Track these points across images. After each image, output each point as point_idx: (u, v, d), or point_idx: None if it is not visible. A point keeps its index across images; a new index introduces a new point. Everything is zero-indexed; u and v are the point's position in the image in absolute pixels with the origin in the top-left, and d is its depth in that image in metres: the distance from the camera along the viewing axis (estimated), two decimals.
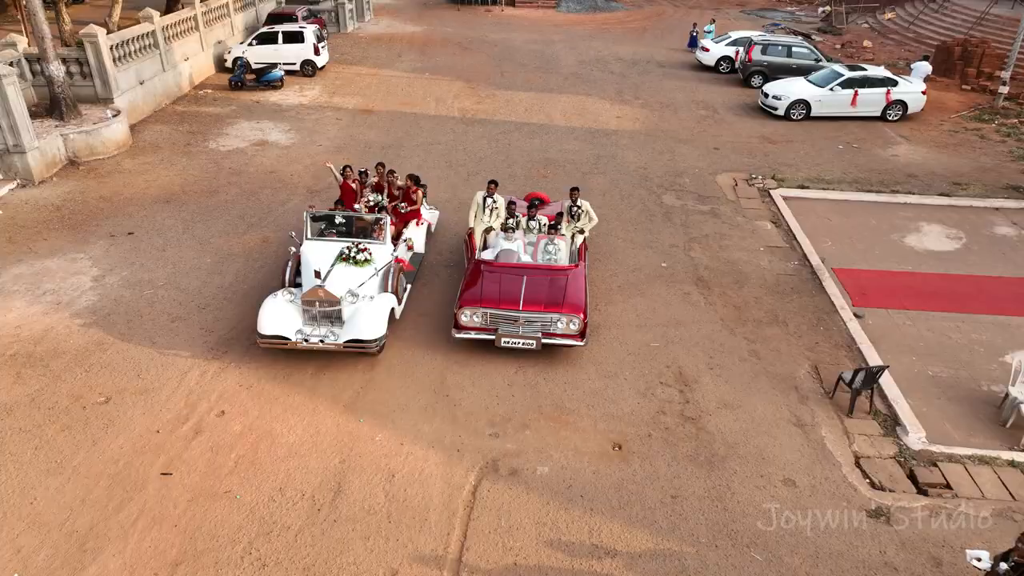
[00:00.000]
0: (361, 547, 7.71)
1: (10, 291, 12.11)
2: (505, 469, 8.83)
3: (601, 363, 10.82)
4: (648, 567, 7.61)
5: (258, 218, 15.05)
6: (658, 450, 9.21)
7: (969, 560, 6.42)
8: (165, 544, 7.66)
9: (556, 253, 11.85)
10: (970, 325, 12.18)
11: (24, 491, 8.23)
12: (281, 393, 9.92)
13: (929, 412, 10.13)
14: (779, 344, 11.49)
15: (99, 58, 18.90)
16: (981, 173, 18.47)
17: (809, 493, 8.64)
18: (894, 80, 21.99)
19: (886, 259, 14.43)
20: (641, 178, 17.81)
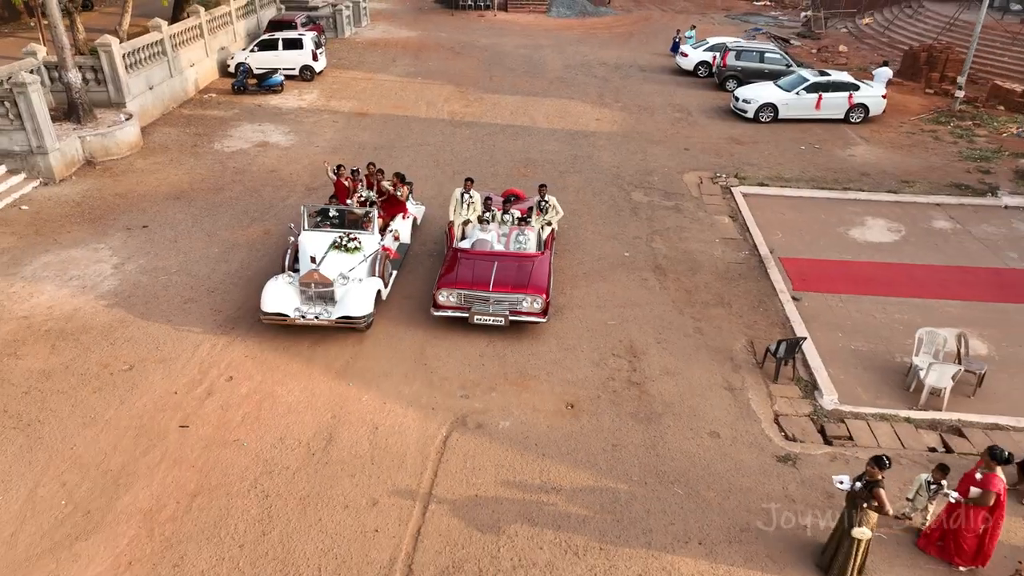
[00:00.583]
0: (348, 483, 9.29)
1: (41, 277, 13.70)
2: (472, 423, 10.41)
3: (563, 337, 12.40)
4: (586, 499, 9.18)
5: (260, 213, 16.63)
6: (605, 409, 10.79)
7: (835, 483, 7.99)
8: (184, 480, 9.25)
9: (526, 242, 13.43)
10: (895, 307, 13.74)
11: (65, 439, 9.81)
12: (281, 362, 11.51)
13: (845, 379, 11.70)
14: (721, 323, 13.07)
15: (113, 66, 20.51)
16: (929, 172, 20.04)
17: (730, 443, 10.21)
18: (856, 85, 23.57)
19: (830, 249, 16.00)
20: (614, 176, 19.39)
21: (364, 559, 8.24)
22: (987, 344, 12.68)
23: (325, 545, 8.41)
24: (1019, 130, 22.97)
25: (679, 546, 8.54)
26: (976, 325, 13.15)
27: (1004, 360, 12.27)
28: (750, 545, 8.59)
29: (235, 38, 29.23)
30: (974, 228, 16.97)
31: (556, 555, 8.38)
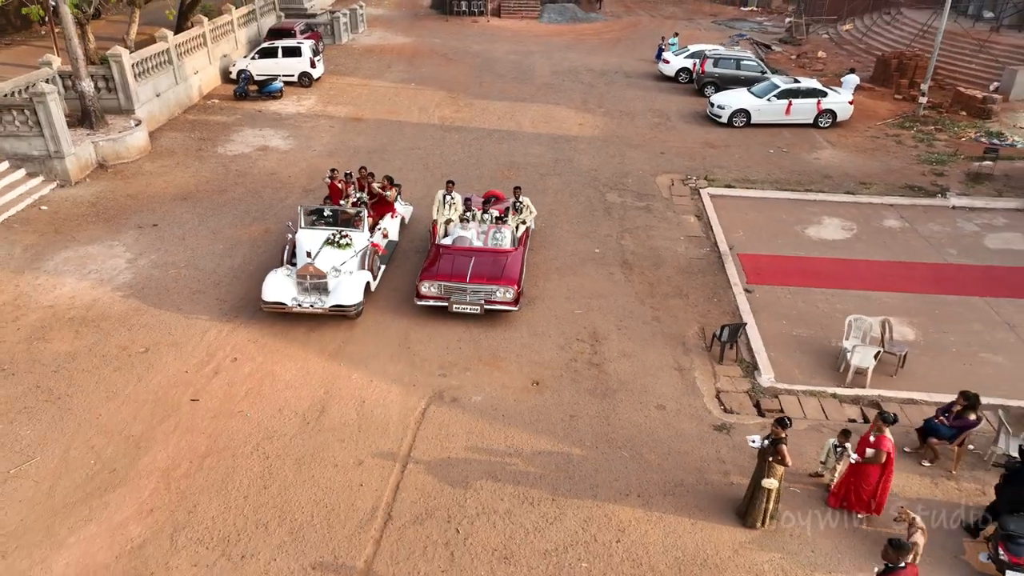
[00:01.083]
0: (338, 447, 10.76)
1: (62, 271, 15.18)
2: (448, 398, 11.87)
3: (533, 324, 13.87)
4: (544, 460, 10.64)
5: (261, 212, 18.11)
6: (566, 385, 12.26)
7: (749, 443, 9.45)
8: (196, 444, 10.71)
9: (502, 239, 14.88)
10: (838, 298, 15.19)
11: (91, 410, 11.28)
12: (280, 345, 12.98)
13: (784, 361, 13.16)
14: (678, 312, 14.53)
15: (123, 75, 21.98)
16: (887, 174, 21.49)
17: (674, 415, 11.67)
18: (824, 92, 25.04)
19: (786, 246, 17.46)
20: (591, 179, 20.86)
21: (350, 508, 9.71)
22: (916, 330, 14.14)
23: (317, 496, 9.87)
24: (977, 134, 24.41)
25: (620, 498, 10.00)
26: (909, 314, 14.61)
27: (928, 344, 13.73)
28: (682, 497, 10.05)
29: (236, 45, 30.70)
30: (921, 227, 18.43)
31: (514, 505, 9.84)
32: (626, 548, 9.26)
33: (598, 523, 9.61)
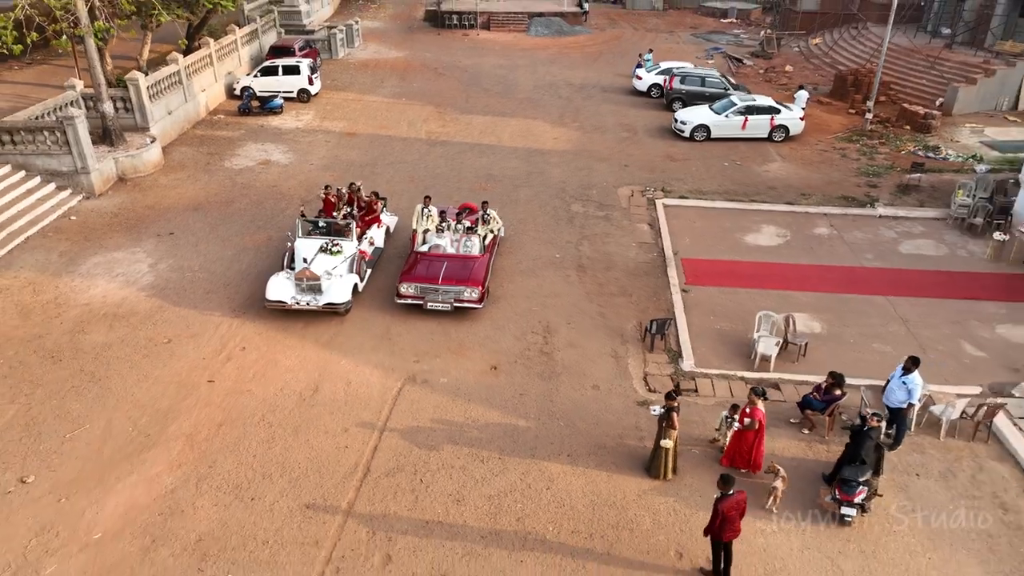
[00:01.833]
0: (328, 417, 13.34)
1: (93, 274, 17.78)
2: (420, 380, 14.45)
3: (495, 319, 16.45)
4: (495, 429, 13.22)
5: (264, 222, 20.70)
6: (519, 370, 14.83)
7: (651, 411, 12.03)
8: (213, 415, 13.31)
9: (471, 247, 17.45)
10: (762, 297, 17.73)
11: (126, 389, 13.88)
12: (281, 337, 15.57)
13: (705, 350, 15.73)
14: (621, 308, 17.10)
15: (139, 96, 24.58)
16: (827, 186, 24.04)
17: (606, 393, 14.24)
18: (778, 109, 27.59)
19: (724, 251, 20.02)
20: (559, 190, 23.43)
21: (337, 463, 12.30)
22: (822, 324, 16.70)
23: (310, 455, 12.46)
24: (915, 148, 26.95)
25: (553, 457, 12.58)
26: (819, 311, 17.17)
27: (830, 336, 16.29)
28: (602, 456, 12.63)
29: (240, 63, 33.30)
30: (847, 234, 20.98)
31: (468, 462, 12.42)
32: (553, 494, 11.84)
33: (533, 475, 12.19)
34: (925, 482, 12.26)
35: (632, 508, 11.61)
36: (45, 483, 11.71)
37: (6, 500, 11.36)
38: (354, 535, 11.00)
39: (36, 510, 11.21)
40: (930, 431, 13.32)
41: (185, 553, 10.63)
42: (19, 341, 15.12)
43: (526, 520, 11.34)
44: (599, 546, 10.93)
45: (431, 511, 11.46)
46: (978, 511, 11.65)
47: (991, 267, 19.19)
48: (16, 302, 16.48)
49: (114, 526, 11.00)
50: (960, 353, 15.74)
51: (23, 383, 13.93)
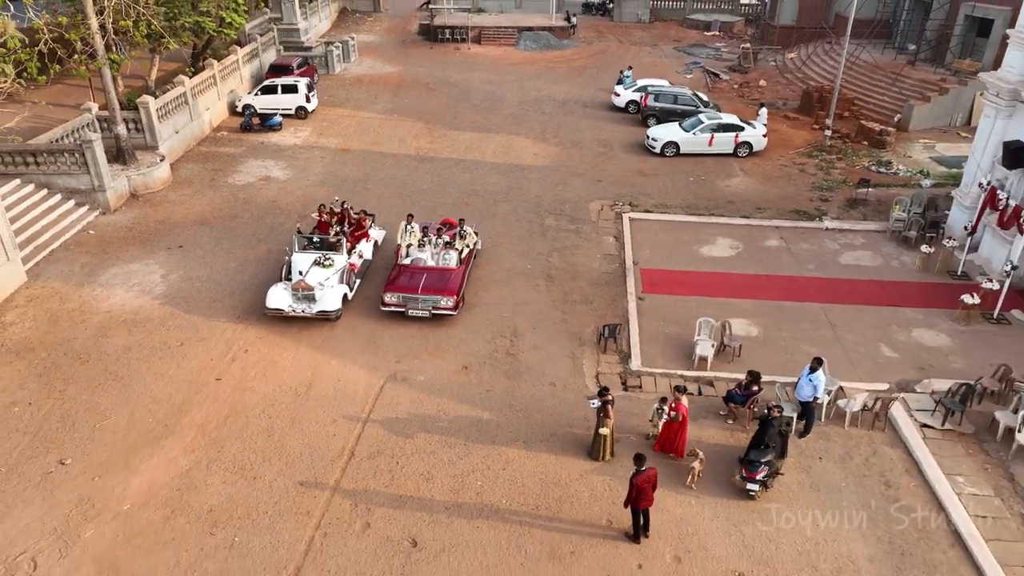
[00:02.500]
0: (319, 410, 15.62)
1: (112, 284, 20.08)
2: (400, 378, 16.73)
3: (468, 325, 18.72)
4: (462, 420, 15.48)
5: (264, 236, 22.99)
6: (488, 369, 17.11)
7: (589, 404, 14.29)
8: (220, 408, 15.59)
9: (449, 260, 19.72)
10: (710, 304, 19.97)
11: (146, 386, 16.17)
12: (279, 340, 17.85)
13: (652, 352, 17.98)
14: (582, 315, 19.37)
15: (149, 118, 26.90)
16: (782, 200, 26.30)
17: (561, 389, 16.50)
18: (742, 127, 29.85)
19: (681, 262, 22.27)
20: (535, 205, 25.70)
21: (326, 449, 14.57)
22: (759, 329, 18.96)
23: (304, 442, 14.74)
24: (869, 163, 29.19)
25: (511, 443, 14.84)
26: (758, 316, 19.43)
27: (766, 339, 18.55)
28: (553, 443, 14.89)
29: (242, 81, 35.60)
30: (794, 246, 23.23)
31: (438, 447, 14.70)
32: (509, 474, 14.11)
33: (493, 458, 14.46)
34: (826, 464, 14.53)
35: (574, 485, 13.88)
36: (80, 464, 14.01)
37: (49, 478, 13.66)
38: (339, 507, 13.28)
39: (74, 486, 13.51)
40: (837, 421, 15.58)
41: (199, 521, 12.92)
42: (51, 344, 17.43)
43: (484, 495, 13.62)
44: (544, 515, 13.21)
45: (404, 487, 13.74)
46: (865, 487, 13.91)
47: (918, 277, 21.43)
48: (46, 310, 18.79)
49: (140, 499, 13.30)
50: (877, 354, 17.99)
51: (56, 381, 16.23)
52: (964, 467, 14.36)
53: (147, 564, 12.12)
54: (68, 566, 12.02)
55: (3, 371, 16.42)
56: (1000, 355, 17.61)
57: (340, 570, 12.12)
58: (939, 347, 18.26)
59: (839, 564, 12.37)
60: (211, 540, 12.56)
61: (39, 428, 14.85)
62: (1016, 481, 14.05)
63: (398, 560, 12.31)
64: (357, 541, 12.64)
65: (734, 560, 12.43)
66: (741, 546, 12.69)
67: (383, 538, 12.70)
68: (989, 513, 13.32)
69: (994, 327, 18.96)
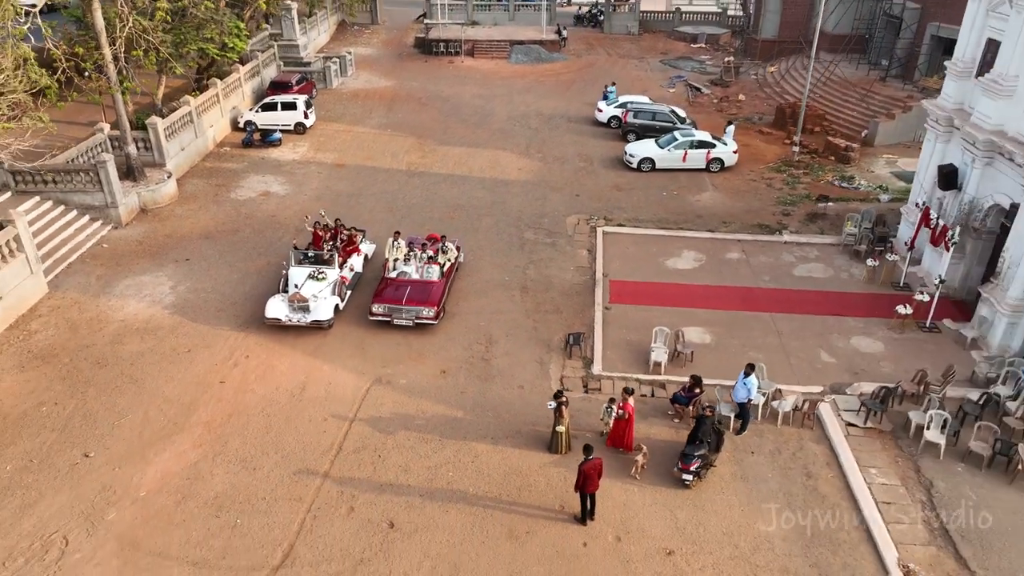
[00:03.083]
0: (312, 410, 17.72)
1: (126, 295, 22.20)
2: (385, 381, 18.82)
3: (448, 332, 20.81)
4: (439, 419, 17.57)
5: (264, 249, 25.09)
6: (464, 373, 19.19)
7: (548, 406, 16.35)
8: (224, 408, 17.70)
9: (431, 274, 21.80)
10: (671, 314, 22.00)
11: (158, 388, 18.28)
12: (277, 347, 19.95)
13: (614, 357, 20.04)
14: (551, 324, 21.43)
15: (157, 137, 29.04)
16: (747, 214, 28.33)
17: (528, 392, 18.56)
18: (713, 144, 31.88)
19: (648, 274, 24.32)
20: (516, 219, 27.77)
21: (317, 443, 16.66)
22: (713, 336, 21.01)
23: (298, 437, 16.84)
24: (833, 178, 31.21)
25: (480, 439, 16.92)
26: (712, 325, 21.47)
27: (717, 346, 20.59)
28: (518, 439, 16.96)
29: (243, 97, 37.73)
30: (753, 258, 25.27)
31: (416, 443, 16.78)
32: (477, 465, 16.20)
33: (464, 452, 16.55)
34: (757, 457, 16.59)
35: (533, 475, 15.96)
36: (102, 457, 16.13)
37: (75, 469, 15.79)
38: (328, 494, 15.38)
39: (98, 476, 15.63)
40: (772, 420, 17.63)
41: (206, 505, 15.03)
42: (72, 350, 19.56)
43: (454, 483, 15.71)
44: (505, 501, 15.29)
45: (385, 477, 15.84)
46: (789, 478, 15.98)
47: (864, 288, 23.46)
48: (67, 319, 20.93)
49: (154, 487, 15.41)
50: (816, 360, 20.04)
51: (78, 383, 18.36)
52: (878, 460, 16.42)
53: (162, 542, 14.23)
54: (95, 543, 14.13)
55: (32, 375, 18.56)
56: (927, 361, 19.68)
57: (327, 548, 14.22)
58: (873, 353, 20.30)
59: (757, 543, 14.44)
60: (216, 522, 14.67)
61: (65, 425, 16.97)
62: (921, 472, 16.11)
63: (377, 539, 14.40)
64: (342, 523, 14.73)
65: (667, 539, 14.51)
66: (674, 528, 14.76)
67: (365, 520, 14.80)
68: (893, 500, 15.37)
69: (925, 335, 20.99)
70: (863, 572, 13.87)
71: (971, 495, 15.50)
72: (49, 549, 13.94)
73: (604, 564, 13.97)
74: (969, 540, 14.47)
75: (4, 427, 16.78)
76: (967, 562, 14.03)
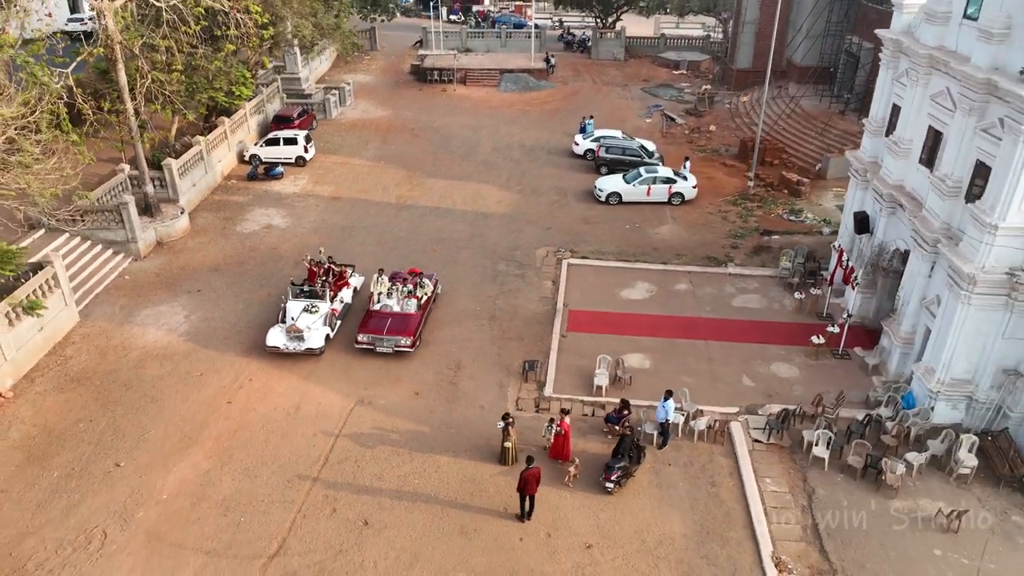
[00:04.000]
0: (305, 426, 21.35)
1: (146, 323, 25.91)
2: (366, 402, 22.43)
3: (423, 359, 24.41)
4: (410, 434, 21.15)
5: (266, 280, 28.76)
6: (434, 395, 22.78)
7: (497, 426, 19.90)
8: (230, 425, 21.34)
9: (410, 307, 25.39)
10: (619, 341, 25.49)
11: (175, 408, 21.95)
12: (276, 371, 23.59)
13: (565, 381, 23.56)
14: (514, 350, 24.99)
15: (172, 176, 32.78)
16: (699, 246, 31.80)
17: (487, 412, 22.11)
18: (675, 179, 35.36)
19: (603, 304, 27.84)
20: (492, 252, 31.34)
21: (308, 455, 20.28)
22: (652, 362, 24.52)
23: (292, 450, 20.46)
24: (783, 212, 34.63)
25: (443, 452, 20.50)
26: (654, 352, 24.97)
27: (654, 371, 24.09)
28: (474, 452, 20.52)
29: (249, 131, 41.47)
30: (699, 289, 28.75)
31: (390, 455, 20.37)
32: (439, 475, 19.77)
33: (428, 463, 20.13)
34: (672, 468, 20.10)
35: (485, 483, 19.53)
36: (131, 466, 19.79)
37: (109, 475, 19.46)
38: (315, 497, 18.98)
39: (127, 482, 19.30)
40: (691, 436, 21.13)
41: (216, 507, 18.66)
42: (102, 374, 23.27)
43: (419, 489, 19.29)
44: (460, 504, 18.85)
45: (363, 483, 19.43)
46: (696, 485, 19.49)
47: (791, 318, 26.91)
48: (96, 345, 24.65)
49: (174, 491, 19.06)
50: (738, 384, 23.53)
51: (108, 403, 22.05)
52: (773, 471, 19.91)
53: (180, 535, 17.88)
54: (127, 536, 17.79)
55: (69, 395, 22.28)
56: (835, 385, 23.13)
57: (313, 541, 17.82)
58: (789, 378, 23.77)
59: (661, 539, 17.96)
60: (224, 519, 18.30)
61: (99, 439, 20.66)
62: (807, 481, 19.58)
63: (354, 534, 18.00)
64: (326, 521, 18.34)
65: (588, 536, 18.05)
66: (595, 526, 18.30)
67: (345, 519, 18.40)
68: (779, 504, 18.86)
69: (836, 362, 24.44)
70: (743, 563, 17.37)
71: (844, 500, 18.97)
72: (92, 540, 17.60)
73: (535, 555, 17.54)
74: (834, 537, 17.95)
75: (50, 441, 20.49)
76: (828, 555, 17.52)
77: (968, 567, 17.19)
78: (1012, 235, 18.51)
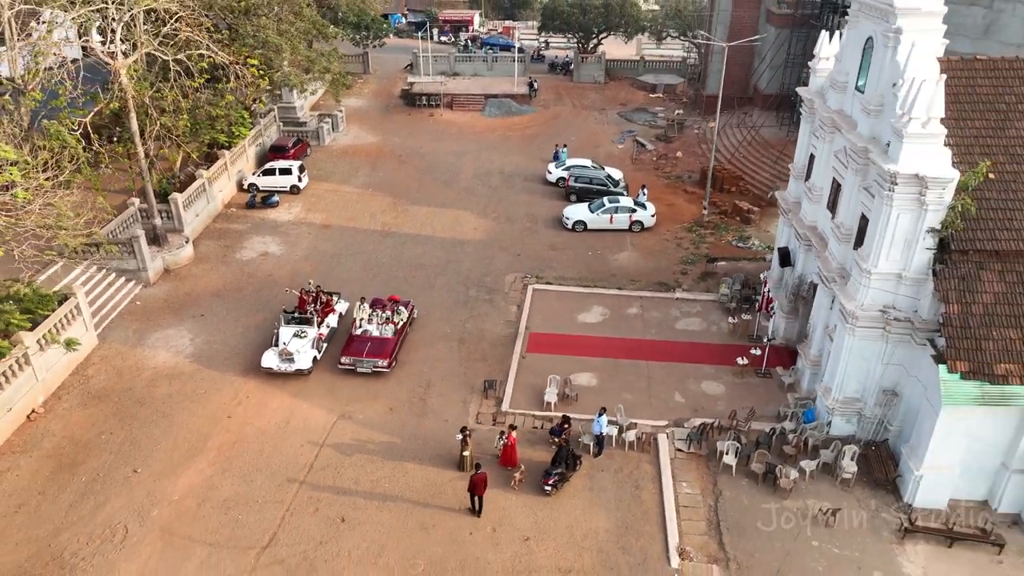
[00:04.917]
0: (293, 438, 25.25)
1: (156, 346, 29.86)
2: (347, 416, 26.33)
3: (398, 378, 28.30)
4: (383, 445, 25.05)
5: (261, 306, 32.69)
6: (406, 410, 26.67)
7: (456, 437, 23.78)
8: (230, 437, 25.27)
9: (387, 332, 29.29)
10: (573, 362, 29.33)
11: (183, 422, 25.87)
12: (270, 389, 27.51)
13: (521, 397, 27.42)
14: (478, 370, 28.87)
15: (177, 209, 36.74)
16: (652, 272, 35.64)
17: (450, 425, 25.96)
18: (635, 208, 39.19)
19: (562, 327, 31.69)
20: (465, 278, 35.22)
21: (296, 463, 24.18)
22: (598, 380, 28.37)
23: (283, 457, 24.36)
24: (733, 239, 38.44)
25: (411, 460, 24.38)
26: (601, 371, 28.82)
27: (599, 389, 27.93)
28: (437, 459, 24.39)
29: (248, 160, 45.42)
30: (648, 313, 32.59)
31: (365, 463, 24.26)
32: (407, 479, 23.66)
33: (398, 470, 24.02)
34: (604, 474, 23.96)
35: (445, 485, 23.43)
36: (146, 472, 23.73)
37: (128, 480, 23.40)
38: (301, 498, 22.90)
39: (144, 485, 23.24)
40: (623, 446, 24.98)
41: (218, 506, 22.59)
42: (119, 392, 27.23)
43: (389, 491, 23.19)
44: (422, 503, 22.75)
45: (342, 486, 23.34)
46: (622, 488, 23.34)
47: (726, 340, 30.74)
48: (113, 366, 28.62)
49: (183, 493, 23.00)
50: (671, 400, 27.38)
51: (126, 417, 26.00)
52: (689, 476, 23.76)
53: (189, 530, 21.81)
54: (145, 531, 21.73)
55: (92, 411, 26.24)
56: (756, 401, 26.96)
57: (299, 534, 21.74)
58: (715, 395, 27.62)
59: (587, 533, 21.84)
60: (225, 517, 22.22)
61: (119, 449, 24.61)
62: (716, 485, 23.43)
63: (333, 529, 21.91)
64: (310, 518, 22.26)
65: (527, 531, 21.94)
66: (533, 523, 22.19)
67: (325, 516, 22.31)
68: (691, 504, 22.72)
69: (759, 380, 28.28)
70: (653, 552, 21.25)
71: (745, 501, 22.82)
72: (116, 534, 21.54)
73: (481, 546, 21.43)
74: (731, 532, 21.81)
75: (78, 450, 24.46)
76: (725, 546, 21.37)
77: (838, 555, 21.04)
78: (883, 279, 22.30)
